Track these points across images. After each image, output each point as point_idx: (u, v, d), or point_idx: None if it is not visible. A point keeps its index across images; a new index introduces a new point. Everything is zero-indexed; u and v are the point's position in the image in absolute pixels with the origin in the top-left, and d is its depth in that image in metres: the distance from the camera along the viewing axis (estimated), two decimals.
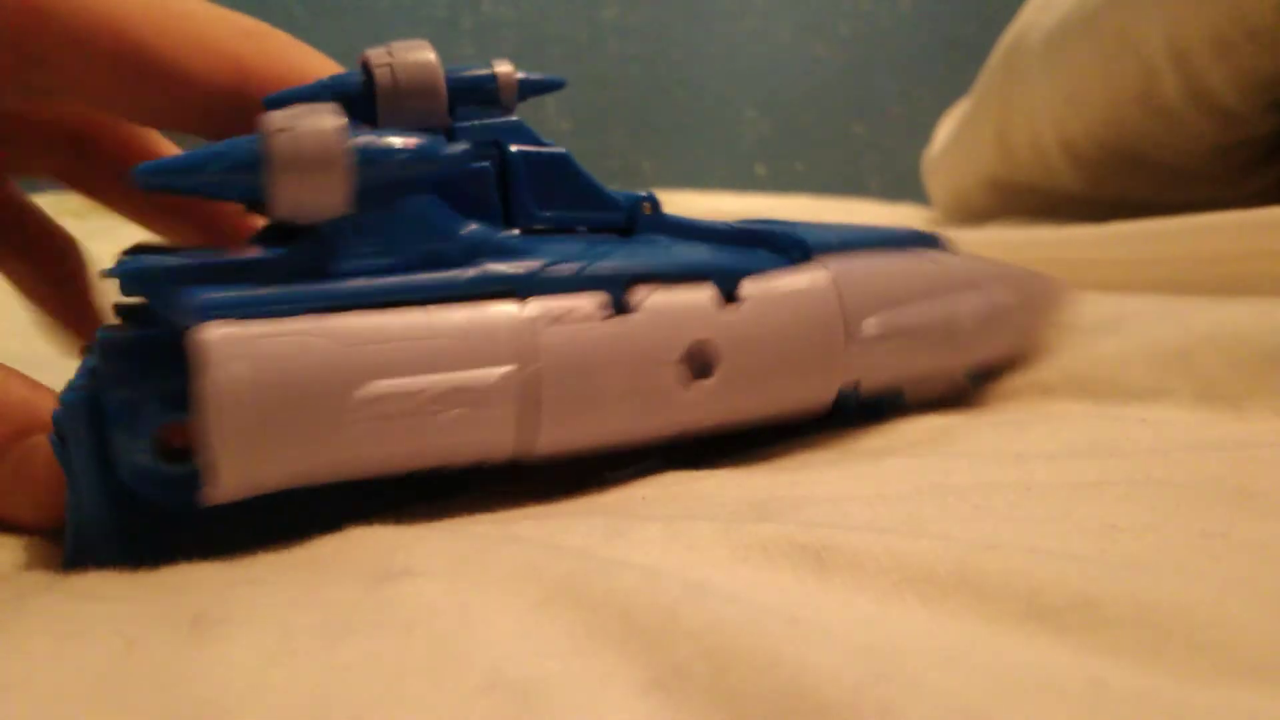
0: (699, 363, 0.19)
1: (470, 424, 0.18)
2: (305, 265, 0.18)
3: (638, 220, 0.21)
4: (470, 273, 0.18)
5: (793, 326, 0.20)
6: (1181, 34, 0.46)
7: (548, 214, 0.22)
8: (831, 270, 0.21)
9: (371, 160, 0.18)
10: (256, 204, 0.18)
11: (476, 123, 0.22)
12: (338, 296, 0.17)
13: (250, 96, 0.20)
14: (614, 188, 0.22)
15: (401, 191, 0.18)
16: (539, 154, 0.21)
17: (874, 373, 0.22)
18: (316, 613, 0.13)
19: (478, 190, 0.21)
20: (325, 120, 0.17)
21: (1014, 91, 0.57)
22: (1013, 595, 0.12)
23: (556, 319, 0.18)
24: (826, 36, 1.26)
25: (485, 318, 0.18)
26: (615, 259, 0.20)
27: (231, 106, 0.20)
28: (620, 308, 0.19)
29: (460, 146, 0.19)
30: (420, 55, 0.22)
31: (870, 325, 0.21)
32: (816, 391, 0.21)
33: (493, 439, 0.18)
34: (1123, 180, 0.54)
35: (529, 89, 0.23)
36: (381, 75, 0.21)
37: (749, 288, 0.20)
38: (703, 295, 0.20)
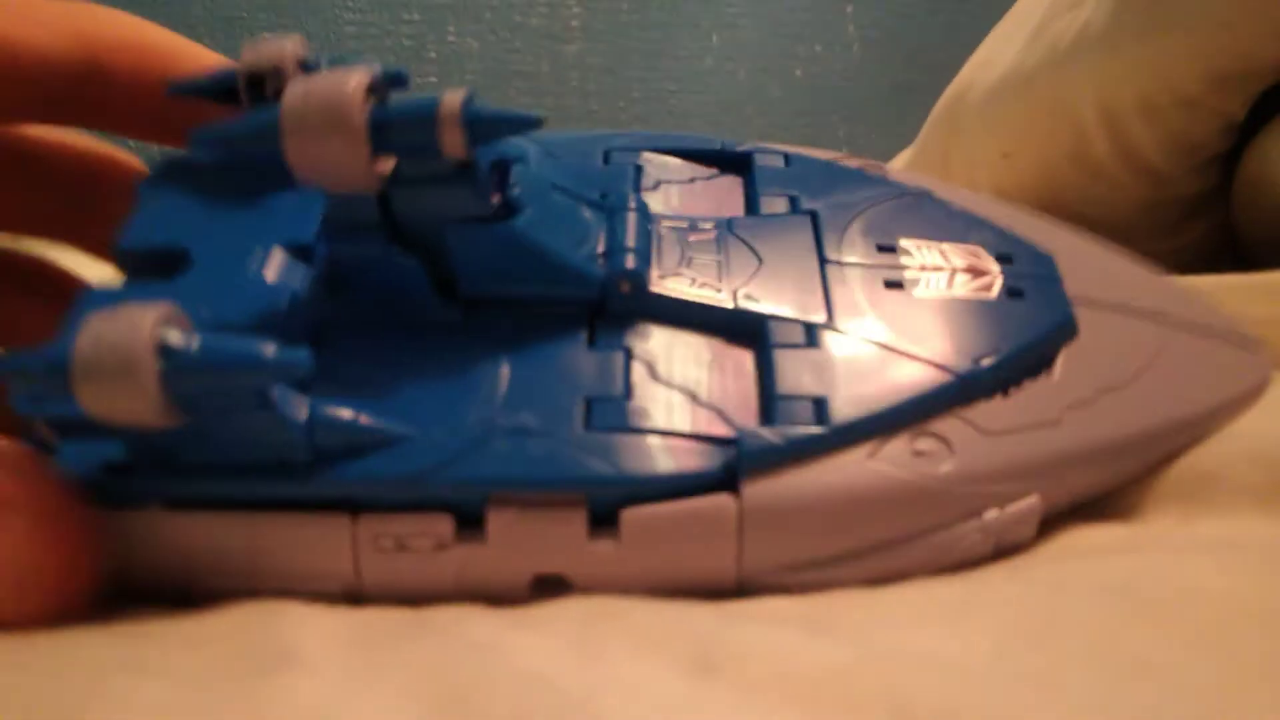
0: (547, 587, 0.18)
1: None
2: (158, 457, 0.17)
3: (612, 299, 0.19)
4: (309, 488, 0.17)
5: (668, 569, 0.17)
6: (1112, 99, 0.47)
7: (496, 289, 0.20)
8: (747, 501, 0.17)
9: (182, 371, 0.15)
10: None
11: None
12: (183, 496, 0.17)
13: (99, 65, 0.20)
14: None
15: (233, 404, 0.16)
16: (481, 230, 0.19)
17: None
18: None
19: (404, 272, 0.20)
20: (133, 330, 0.15)
21: (954, 145, 0.58)
22: (881, 713, 0.12)
23: (381, 548, 0.17)
24: (782, 79, 1.28)
25: (310, 538, 0.17)
26: (478, 465, 0.17)
27: (80, 79, 0.20)
28: (473, 521, 0.17)
29: (300, 351, 0.16)
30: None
31: (781, 575, 0.17)
32: None
33: None
34: None
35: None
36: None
37: (630, 518, 0.17)
38: (565, 526, 0.17)
